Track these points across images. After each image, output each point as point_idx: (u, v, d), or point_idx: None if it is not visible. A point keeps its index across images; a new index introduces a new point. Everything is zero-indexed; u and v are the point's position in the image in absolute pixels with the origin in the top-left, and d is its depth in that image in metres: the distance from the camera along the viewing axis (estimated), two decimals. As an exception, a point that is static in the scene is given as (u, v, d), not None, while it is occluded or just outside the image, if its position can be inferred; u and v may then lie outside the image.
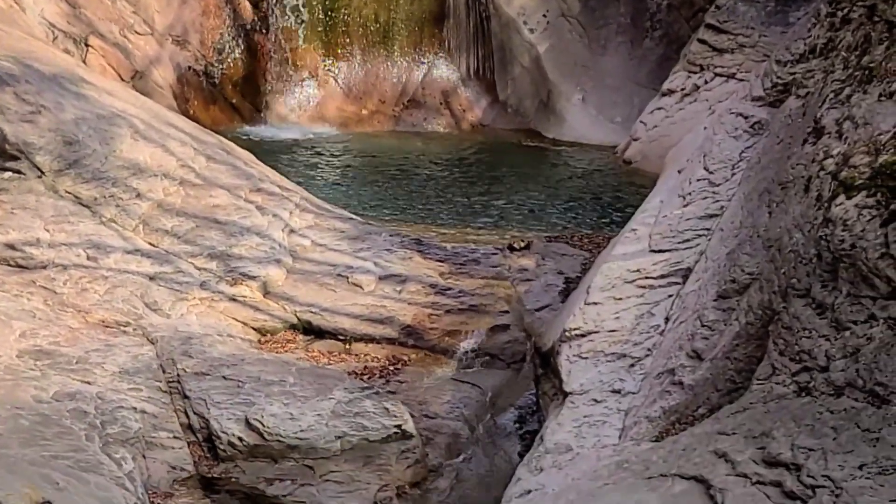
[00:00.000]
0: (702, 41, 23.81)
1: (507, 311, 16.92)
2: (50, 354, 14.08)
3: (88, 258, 16.52)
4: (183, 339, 15.19)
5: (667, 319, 12.37)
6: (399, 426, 13.66)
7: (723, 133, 14.42)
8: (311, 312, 16.69)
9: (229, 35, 29.35)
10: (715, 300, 11.31)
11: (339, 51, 30.18)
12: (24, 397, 12.76)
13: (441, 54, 30.38)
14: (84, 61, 24.98)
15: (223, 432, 13.44)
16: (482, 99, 30.22)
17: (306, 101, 29.92)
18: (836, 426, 8.26)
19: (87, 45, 26.36)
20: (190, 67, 28.73)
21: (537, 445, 11.73)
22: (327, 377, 14.66)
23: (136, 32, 27.47)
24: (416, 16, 30.29)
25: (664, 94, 24.63)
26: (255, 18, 29.49)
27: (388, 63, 30.34)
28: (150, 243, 17.31)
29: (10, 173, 17.10)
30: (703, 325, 11.23)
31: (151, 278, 16.54)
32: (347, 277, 17.49)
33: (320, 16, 30.01)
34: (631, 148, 25.03)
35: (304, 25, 29.88)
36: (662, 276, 13.08)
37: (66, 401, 12.97)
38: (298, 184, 21.12)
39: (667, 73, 25.31)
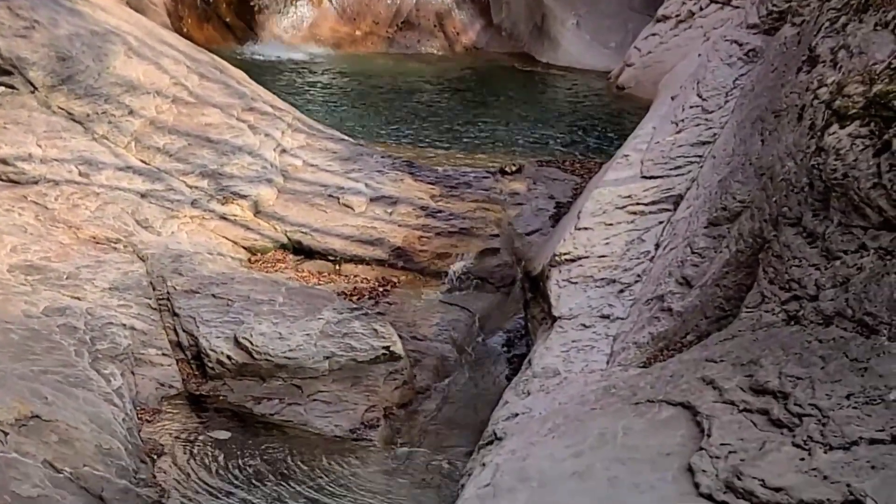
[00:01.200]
0: (697, -34, 23.66)
1: (497, 235, 16.93)
2: (40, 269, 14.08)
3: (80, 174, 16.48)
4: (173, 256, 15.19)
5: (657, 246, 12.37)
6: (387, 347, 13.70)
7: (717, 60, 14.37)
8: (302, 232, 16.69)
9: (224, -48, 29.19)
10: (706, 227, 11.31)
11: (334, -30, 30.01)
12: (15, 312, 12.77)
13: (435, -25, 30.23)
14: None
15: (212, 350, 13.48)
16: (476, 22, 30.09)
17: (300, 21, 29.77)
18: (824, 355, 8.28)
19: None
20: (184, -15, 28.59)
21: (525, 369, 11.77)
22: (317, 297, 14.68)
23: (130, -52, 27.26)
24: (411, -63, 30.10)
25: (659, 20, 24.52)
26: (251, -64, 29.29)
27: (383, -16, 30.22)
28: (142, 160, 17.28)
29: (2, 88, 17.03)
30: (693, 253, 11.23)
31: (143, 195, 16.51)
32: (338, 198, 17.47)
33: (315, -66, 29.83)
34: (624, 74, 24.95)
35: (298, -56, 29.72)
36: (653, 203, 13.07)
37: (56, 316, 12.99)
38: (291, 104, 21.06)
39: (661, -1, 25.19)
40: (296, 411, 12.97)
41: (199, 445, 12.33)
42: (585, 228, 13.20)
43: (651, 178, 13.45)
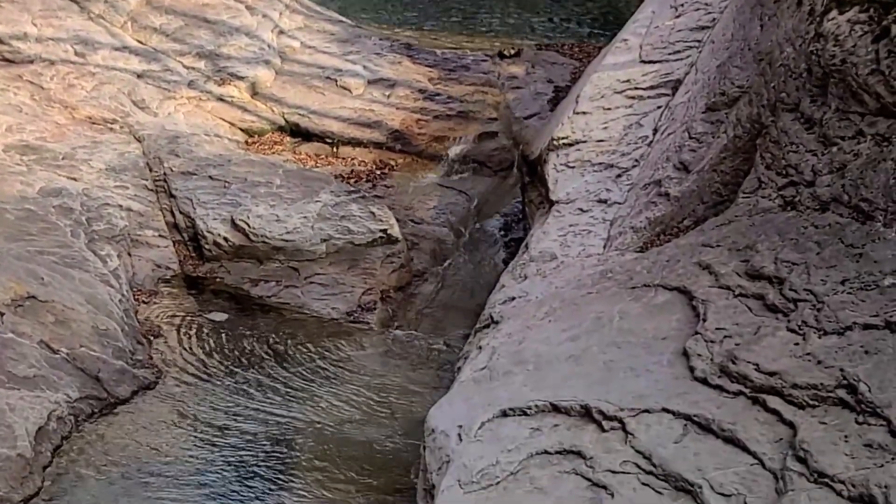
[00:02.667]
0: None
1: (495, 119, 16.86)
2: (36, 150, 14.04)
3: (76, 54, 16.39)
4: (170, 137, 15.13)
5: (655, 131, 12.32)
6: (385, 230, 13.70)
7: (718, -57, 14.21)
8: (299, 114, 16.62)
9: None
10: (704, 112, 11.25)
11: None
12: (10, 192, 12.75)
13: None
14: None
15: (209, 232, 13.47)
16: None
17: None
18: (820, 241, 8.27)
19: None
20: None
21: (522, 253, 11.77)
22: (314, 180, 14.65)
23: None
24: None
25: None
26: None
27: None
28: (139, 41, 17.17)
29: (-4, -34, 16.88)
30: (690, 137, 11.19)
31: (139, 76, 16.42)
32: (336, 80, 17.38)
33: None
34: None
35: None
36: (652, 87, 13.00)
37: (52, 197, 12.97)
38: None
39: None
40: (293, 294, 13.00)
41: (195, 327, 12.37)
42: (584, 113, 13.14)
43: (650, 62, 13.36)
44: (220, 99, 16.54)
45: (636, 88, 13.08)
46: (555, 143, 12.92)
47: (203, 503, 9.28)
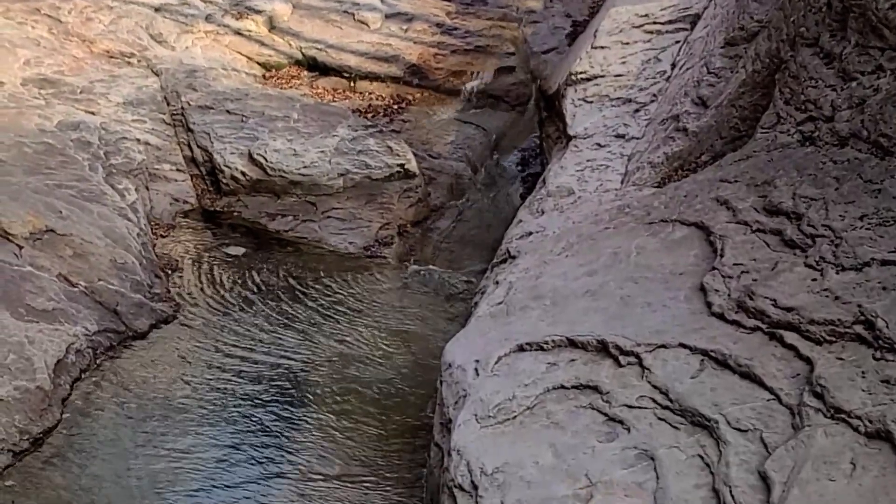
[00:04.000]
0: None
1: (513, 53, 16.81)
2: (54, 83, 14.03)
3: (93, -13, 16.37)
4: (187, 71, 15.11)
5: (673, 65, 12.26)
6: (402, 165, 13.69)
7: None
8: (317, 48, 16.58)
9: None
10: (722, 47, 11.19)
11: None
12: (28, 126, 12.75)
13: None
14: None
15: (226, 166, 13.48)
16: None
17: None
18: (838, 176, 8.24)
19: None
20: None
21: (539, 188, 11.75)
22: (331, 114, 14.63)
23: None
24: None
25: None
26: None
27: None
28: (155, -26, 17.12)
29: None
30: (709, 72, 11.13)
31: (157, 9, 16.39)
32: (353, 14, 17.32)
33: None
34: None
35: None
36: (670, 22, 12.92)
37: (70, 130, 12.97)
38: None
39: None
40: (310, 228, 13.01)
41: (213, 261, 12.40)
42: (602, 47, 13.07)
43: (669, -4, 13.30)
44: (238, 33, 16.51)
45: (655, 23, 13.01)
46: (572, 77, 12.87)
47: (221, 435, 9.33)
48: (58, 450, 8.97)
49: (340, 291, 11.93)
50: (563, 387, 7.55)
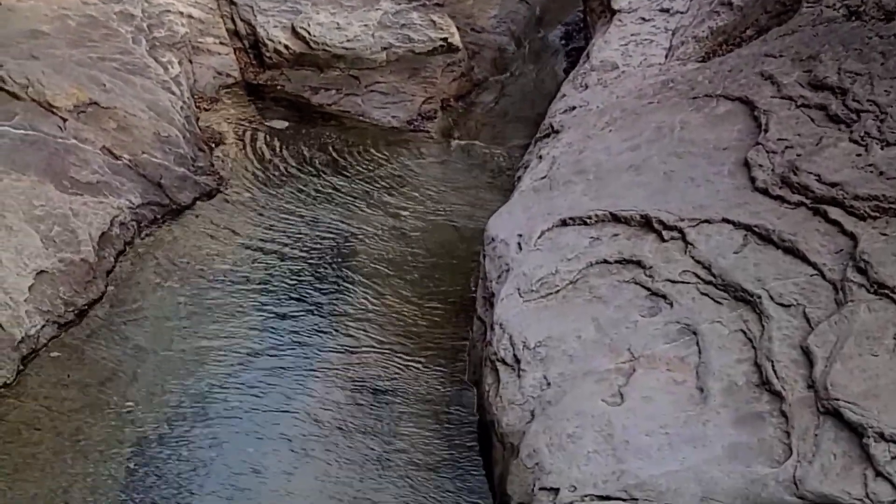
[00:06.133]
0: None
1: (557, -74, 16.60)
2: (96, -44, 13.98)
3: None
4: (229, -56, 15.01)
5: (721, -62, 12.12)
6: (445, 39, 13.61)
7: None
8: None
9: None
10: (771, -81, 11.05)
11: None
12: (71, -1, 12.74)
13: None
14: None
15: (269, 40, 13.44)
16: None
17: None
18: (884, 51, 8.16)
19: None
20: None
21: (583, 62, 11.69)
22: (374, -13, 14.54)
23: None
24: None
25: None
26: None
27: None
28: None
29: None
30: (757, -55, 11.01)
31: None
32: None
33: None
34: None
35: None
36: None
37: (113, 3, 12.92)
38: None
39: None
40: (353, 102, 13.00)
41: (256, 134, 12.42)
42: (648, -81, 12.91)
43: None
44: None
45: None
46: (618, -50, 12.73)
47: (264, 305, 9.41)
48: (102, 322, 9.07)
49: (383, 165, 11.94)
50: (605, 261, 7.58)
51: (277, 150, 12.14)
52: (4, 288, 8.58)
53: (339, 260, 10.15)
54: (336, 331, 9.08)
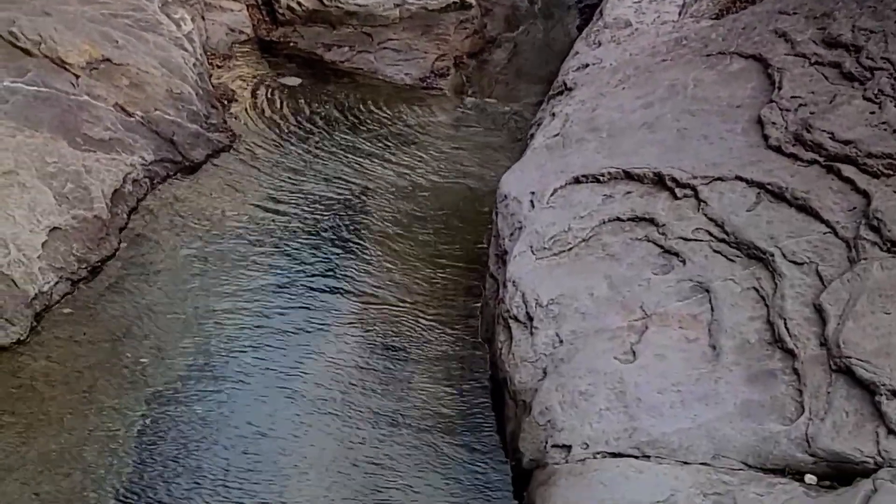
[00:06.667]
0: None
1: None
2: (108, -88, 13.93)
3: None
4: None
5: None
6: (459, -6, 13.60)
7: None
8: None
9: None
10: None
11: None
12: (83, -45, 12.70)
13: None
14: None
15: (282, -4, 13.44)
16: None
17: None
18: (900, 8, 8.16)
19: None
20: None
21: (596, 20, 11.66)
22: (387, -56, 14.49)
23: None
24: None
25: None
26: None
27: None
28: None
29: None
30: None
31: None
32: None
33: None
34: None
35: None
36: None
37: (125, -41, 12.91)
38: None
39: None
40: (366, 59, 12.98)
41: (269, 91, 12.40)
42: None
43: None
44: None
45: None
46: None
47: (277, 262, 9.42)
48: (115, 279, 9.08)
49: (396, 122, 11.92)
50: (618, 219, 7.58)
51: (290, 107, 12.13)
52: (18, 244, 8.59)
53: (352, 217, 10.15)
54: (348, 288, 9.09)
